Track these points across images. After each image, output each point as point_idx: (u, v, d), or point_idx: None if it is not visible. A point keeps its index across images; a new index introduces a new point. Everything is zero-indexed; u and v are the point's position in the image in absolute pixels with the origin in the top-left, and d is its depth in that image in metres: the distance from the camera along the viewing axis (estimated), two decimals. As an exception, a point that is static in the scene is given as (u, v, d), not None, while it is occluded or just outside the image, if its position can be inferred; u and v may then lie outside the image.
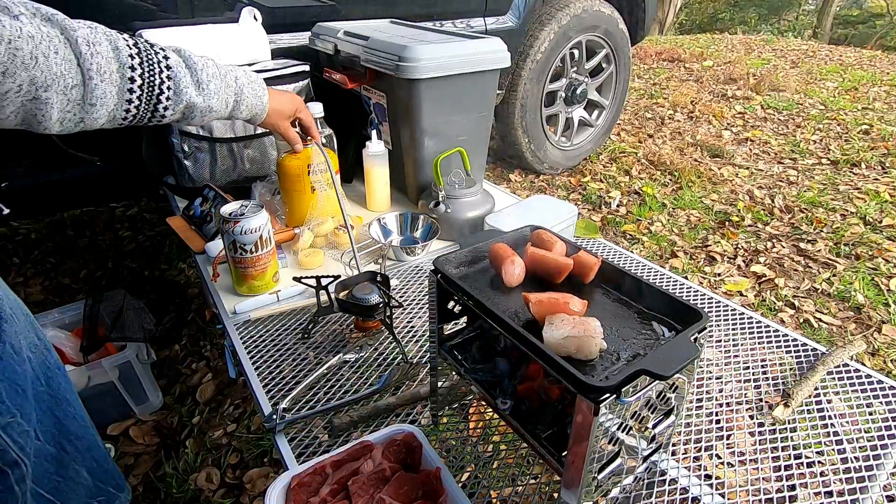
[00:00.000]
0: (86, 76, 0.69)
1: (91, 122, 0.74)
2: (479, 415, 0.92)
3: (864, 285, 1.79)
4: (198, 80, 0.83)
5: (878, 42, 8.53)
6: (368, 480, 0.69)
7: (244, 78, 0.94)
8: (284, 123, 1.06)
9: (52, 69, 0.65)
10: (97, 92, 0.71)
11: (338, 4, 1.74)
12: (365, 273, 1.05)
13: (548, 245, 0.76)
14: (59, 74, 0.66)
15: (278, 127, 1.05)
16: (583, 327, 0.58)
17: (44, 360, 0.79)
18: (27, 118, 0.68)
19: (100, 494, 0.90)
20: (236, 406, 1.38)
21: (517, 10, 2.15)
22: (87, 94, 0.70)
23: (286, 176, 1.29)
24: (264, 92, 0.98)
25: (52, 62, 0.65)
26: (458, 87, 1.37)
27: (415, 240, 1.38)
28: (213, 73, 0.86)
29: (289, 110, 1.05)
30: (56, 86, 0.66)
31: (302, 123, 1.11)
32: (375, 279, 1.03)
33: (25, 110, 0.66)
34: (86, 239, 2.19)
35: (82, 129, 0.75)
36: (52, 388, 0.80)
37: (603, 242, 1.42)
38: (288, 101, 1.05)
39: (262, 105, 0.98)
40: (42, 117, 0.68)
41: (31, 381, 0.74)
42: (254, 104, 0.96)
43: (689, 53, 5.33)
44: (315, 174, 1.26)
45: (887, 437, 0.84)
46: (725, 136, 3.19)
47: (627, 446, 0.60)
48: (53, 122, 0.69)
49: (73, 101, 0.70)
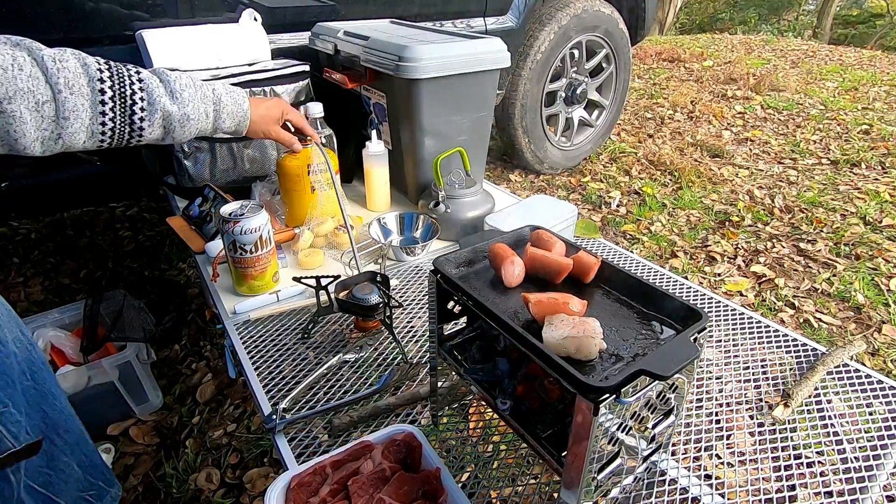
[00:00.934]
0: (55, 90, 0.72)
1: (70, 139, 0.75)
2: (479, 415, 0.92)
3: (864, 285, 1.79)
4: (171, 90, 0.85)
5: (878, 42, 8.53)
6: (368, 480, 0.69)
7: (221, 89, 0.95)
8: (274, 128, 1.06)
9: (15, 83, 0.68)
10: (68, 105, 0.73)
11: (338, 4, 1.74)
12: (365, 273, 1.05)
13: (548, 245, 0.76)
14: (26, 90, 0.69)
15: (269, 133, 1.06)
16: (582, 327, 0.58)
17: (28, 355, 0.80)
18: (3, 137, 0.70)
19: (90, 489, 0.91)
20: (236, 406, 1.38)
21: (517, 10, 2.15)
22: (59, 108, 0.73)
23: (286, 176, 1.29)
24: (244, 99, 0.98)
25: (16, 77, 0.68)
26: (458, 87, 1.37)
27: (415, 240, 1.38)
28: (187, 84, 0.88)
29: (275, 115, 1.05)
30: (23, 100, 0.69)
31: (294, 125, 1.11)
32: (375, 279, 1.03)
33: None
34: (86, 239, 2.19)
35: (64, 148, 0.76)
36: (37, 382, 0.81)
37: (603, 242, 1.42)
38: (272, 105, 1.05)
39: (242, 112, 0.98)
40: (16, 133, 0.70)
41: (18, 375, 0.75)
42: (234, 112, 0.96)
43: (689, 53, 5.33)
44: (315, 174, 1.26)
45: (887, 437, 0.84)
46: (725, 136, 3.20)
47: (627, 446, 0.60)
48: (30, 140, 0.72)
49: (47, 117, 0.72)
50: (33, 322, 1.36)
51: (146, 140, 0.84)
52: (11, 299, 1.81)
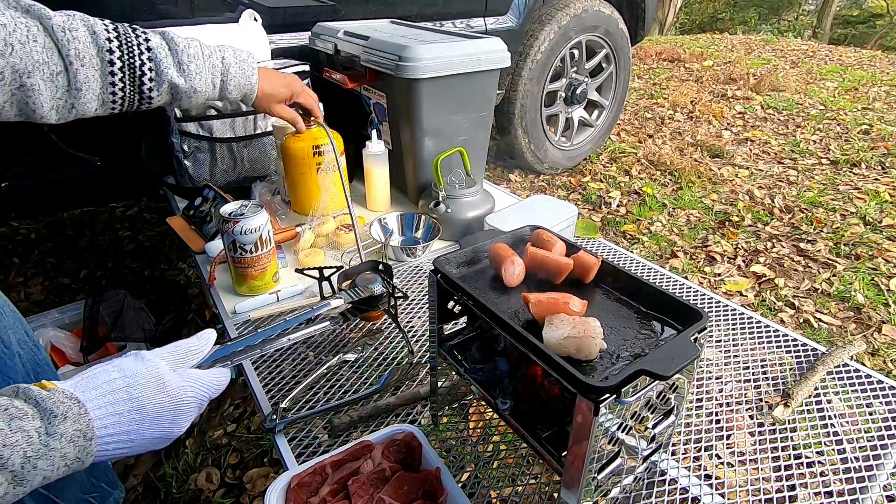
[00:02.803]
0: (66, 62, 0.72)
1: (83, 108, 0.76)
2: (479, 415, 0.92)
3: (864, 285, 1.79)
4: (179, 61, 0.84)
5: (878, 42, 8.53)
6: (368, 480, 0.69)
7: (231, 57, 0.93)
8: (277, 107, 1.04)
9: (32, 56, 0.68)
10: (80, 77, 0.74)
11: (338, 4, 1.74)
12: (367, 262, 1.02)
13: (548, 245, 0.76)
14: (42, 62, 0.70)
15: (271, 110, 1.03)
16: (583, 327, 0.58)
17: (33, 356, 0.80)
18: (22, 108, 0.71)
19: (93, 490, 0.90)
20: (236, 406, 1.38)
21: (517, 10, 2.15)
22: (71, 80, 0.73)
23: (291, 158, 1.24)
24: (253, 71, 0.96)
25: (32, 49, 0.68)
26: (458, 87, 1.37)
27: (416, 240, 1.38)
28: (196, 54, 0.86)
29: (282, 94, 1.03)
30: (40, 73, 0.70)
31: (303, 107, 1.09)
32: (378, 268, 1.01)
33: (17, 99, 0.70)
34: (86, 239, 2.19)
35: (77, 116, 0.77)
36: None
37: (603, 242, 1.42)
38: (282, 84, 1.02)
39: (250, 85, 0.96)
40: (34, 104, 0.71)
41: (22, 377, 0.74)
42: (242, 84, 0.94)
43: (689, 53, 5.33)
44: (320, 156, 1.22)
45: (887, 437, 0.84)
46: (725, 136, 3.19)
47: (627, 446, 0.60)
48: (46, 109, 0.73)
49: (60, 87, 0.73)
50: (33, 322, 1.36)
51: (155, 105, 0.85)
52: (11, 299, 1.80)
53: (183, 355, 0.61)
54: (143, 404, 0.54)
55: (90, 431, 0.50)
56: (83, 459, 0.50)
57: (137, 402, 0.54)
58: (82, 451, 0.50)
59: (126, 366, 0.56)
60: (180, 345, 0.62)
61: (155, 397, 0.55)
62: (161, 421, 0.55)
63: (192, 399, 0.58)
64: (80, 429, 0.49)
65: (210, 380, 0.61)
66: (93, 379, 0.53)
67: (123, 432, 0.53)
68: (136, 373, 0.55)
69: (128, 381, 0.54)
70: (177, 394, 0.56)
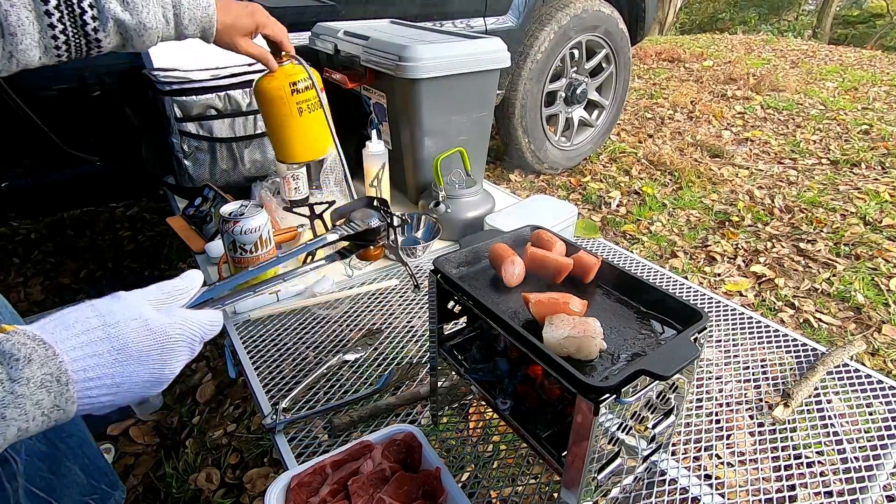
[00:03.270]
0: None
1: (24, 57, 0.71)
2: (479, 415, 0.92)
3: (864, 285, 1.79)
4: None
5: (878, 42, 8.53)
6: (368, 480, 0.69)
7: None
8: (243, 41, 0.94)
9: None
10: (11, 19, 0.69)
11: (338, 4, 1.74)
12: (361, 199, 0.94)
13: (548, 245, 0.76)
14: None
15: (237, 46, 0.94)
16: (583, 327, 0.58)
17: None
18: None
19: (93, 492, 0.90)
20: (236, 406, 1.38)
21: (517, 10, 2.15)
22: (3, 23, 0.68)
23: (266, 101, 1.12)
24: (209, 2, 0.87)
25: None
26: (458, 87, 1.37)
27: (416, 240, 1.38)
28: None
29: (246, 26, 0.93)
30: None
31: (271, 39, 1.01)
32: (373, 204, 0.93)
33: None
34: (86, 239, 2.19)
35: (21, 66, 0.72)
36: None
37: (603, 242, 1.42)
38: (245, 14, 0.93)
39: (207, 17, 0.87)
40: None
41: None
42: (198, 16, 0.86)
43: (689, 53, 5.33)
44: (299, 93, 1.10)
45: (887, 437, 0.84)
46: (725, 136, 3.20)
47: (627, 446, 0.60)
48: None
49: None
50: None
51: (107, 49, 0.79)
52: (11, 299, 1.81)
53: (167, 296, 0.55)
54: (125, 343, 0.47)
55: (63, 375, 0.44)
56: (63, 407, 0.44)
57: (118, 341, 0.47)
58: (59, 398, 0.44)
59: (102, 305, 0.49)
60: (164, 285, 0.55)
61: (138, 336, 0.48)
62: (148, 361, 0.49)
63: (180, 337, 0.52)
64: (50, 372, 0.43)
65: (200, 319, 0.54)
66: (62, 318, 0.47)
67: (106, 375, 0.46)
68: (114, 311, 0.49)
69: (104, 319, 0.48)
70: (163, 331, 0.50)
